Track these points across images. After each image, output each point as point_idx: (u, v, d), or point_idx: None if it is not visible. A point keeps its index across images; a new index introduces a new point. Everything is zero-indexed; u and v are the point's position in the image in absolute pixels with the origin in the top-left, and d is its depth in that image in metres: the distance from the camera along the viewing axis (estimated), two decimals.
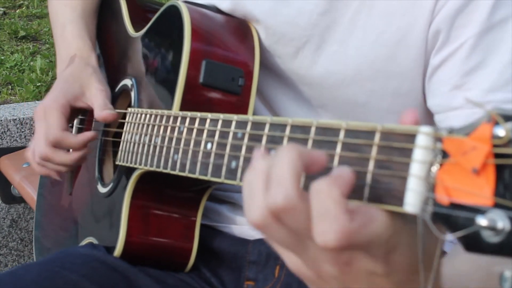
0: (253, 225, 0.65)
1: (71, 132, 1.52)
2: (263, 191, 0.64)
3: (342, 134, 0.68)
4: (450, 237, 0.57)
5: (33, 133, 1.39)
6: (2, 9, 5.29)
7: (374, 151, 0.64)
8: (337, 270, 0.64)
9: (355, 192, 0.64)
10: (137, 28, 1.38)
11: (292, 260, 0.68)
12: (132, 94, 1.30)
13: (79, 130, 1.50)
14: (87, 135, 1.32)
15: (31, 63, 4.34)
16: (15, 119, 2.45)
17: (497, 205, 0.54)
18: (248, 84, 1.16)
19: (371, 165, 0.64)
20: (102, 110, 1.30)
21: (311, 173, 0.65)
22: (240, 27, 1.22)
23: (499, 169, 0.54)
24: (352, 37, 1.13)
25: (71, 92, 1.33)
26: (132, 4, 1.47)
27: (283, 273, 1.24)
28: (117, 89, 1.39)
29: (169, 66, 1.18)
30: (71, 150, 1.33)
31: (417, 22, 1.08)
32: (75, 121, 1.52)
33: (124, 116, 1.28)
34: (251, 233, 1.28)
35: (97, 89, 1.33)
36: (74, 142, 1.30)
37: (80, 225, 1.44)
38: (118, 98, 1.38)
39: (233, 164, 0.85)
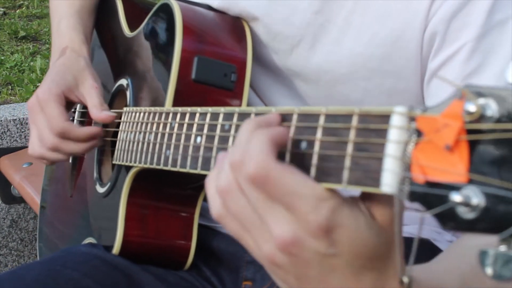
0: (220, 191, 0.70)
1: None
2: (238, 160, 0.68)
3: (322, 119, 0.68)
4: (427, 214, 0.57)
5: None
6: (2, 9, 5.32)
7: (352, 134, 0.64)
8: (288, 256, 0.65)
9: (334, 176, 0.64)
10: (132, 28, 1.39)
11: (255, 250, 0.70)
12: (128, 93, 1.31)
13: (82, 115, 1.51)
14: (93, 130, 1.31)
15: (31, 63, 4.36)
16: (15, 119, 2.45)
17: (471, 182, 0.54)
18: (241, 80, 1.17)
19: (349, 148, 0.64)
20: (100, 111, 1.29)
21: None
22: (233, 24, 1.22)
23: (472, 145, 0.54)
24: (346, 37, 1.13)
25: (64, 82, 1.31)
26: (129, 4, 1.48)
27: None
28: (113, 89, 1.39)
29: (162, 64, 1.19)
30: None
31: (412, 23, 1.08)
32: (76, 114, 1.53)
33: (121, 115, 1.29)
34: None
35: (91, 86, 1.31)
36: (79, 134, 1.29)
37: (80, 226, 1.45)
38: (115, 98, 1.39)
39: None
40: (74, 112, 1.54)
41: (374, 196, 0.64)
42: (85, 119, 1.52)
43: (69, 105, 1.34)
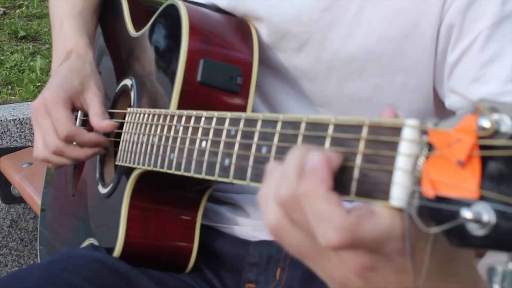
0: (268, 228, 0.65)
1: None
2: (274, 189, 0.64)
3: (331, 129, 0.67)
4: (436, 230, 0.56)
5: (33, 133, 1.36)
6: (2, 9, 5.32)
7: (361, 145, 0.63)
8: (363, 279, 0.63)
9: (342, 187, 0.64)
10: (138, 28, 1.38)
11: (319, 271, 0.66)
12: (132, 94, 1.30)
13: (83, 123, 1.50)
14: (100, 138, 1.30)
15: (31, 63, 4.35)
16: (15, 119, 2.44)
17: (482, 198, 0.53)
18: (246, 83, 1.16)
19: (358, 160, 0.63)
20: (101, 119, 1.28)
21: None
22: (239, 26, 1.21)
23: (485, 161, 0.53)
24: (356, 33, 1.13)
25: (70, 88, 1.30)
26: (134, 4, 1.47)
27: (284, 276, 1.24)
28: (117, 89, 1.39)
29: (168, 65, 1.18)
30: None
31: (425, 17, 1.08)
32: (79, 113, 1.52)
33: (124, 116, 1.28)
34: (253, 234, 1.28)
35: (94, 94, 1.31)
36: (87, 139, 1.28)
37: (81, 227, 1.44)
38: (119, 98, 1.38)
39: (226, 161, 0.85)
40: (76, 118, 1.53)
41: None
42: (86, 127, 1.51)
43: (73, 110, 1.34)
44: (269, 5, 1.20)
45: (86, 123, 1.50)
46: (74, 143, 1.28)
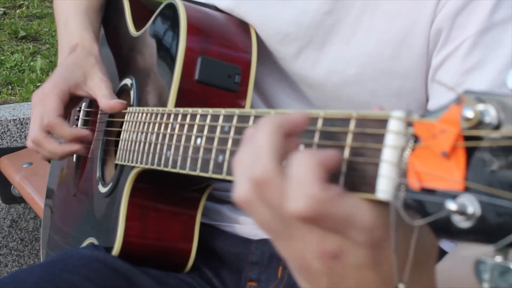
0: (238, 200, 0.65)
1: (74, 124, 1.53)
2: (248, 165, 0.63)
3: (320, 123, 0.67)
4: (421, 222, 0.55)
5: None
6: (2, 9, 5.35)
7: (349, 138, 0.63)
8: (325, 266, 0.62)
9: (330, 181, 0.63)
10: (138, 27, 1.39)
11: (283, 251, 0.66)
12: (132, 93, 1.30)
13: (85, 123, 1.51)
14: (81, 131, 1.31)
15: (31, 63, 4.38)
16: (15, 119, 2.46)
17: (468, 189, 0.53)
18: (245, 82, 1.16)
19: (346, 153, 0.63)
20: (109, 99, 1.28)
21: (297, 133, 0.64)
22: (238, 25, 1.21)
23: (469, 152, 0.53)
24: (356, 36, 1.13)
25: (72, 78, 1.31)
26: (135, 4, 1.48)
27: (286, 274, 1.23)
28: (117, 88, 1.39)
29: (166, 64, 1.18)
30: (63, 141, 1.33)
31: (419, 21, 1.08)
32: (81, 113, 1.52)
33: (124, 116, 1.28)
34: (254, 233, 1.27)
35: (100, 79, 1.32)
36: (66, 132, 1.29)
37: (81, 226, 1.44)
38: (119, 97, 1.38)
39: (220, 158, 0.85)
40: (79, 111, 1.54)
41: None
42: (90, 118, 1.52)
43: (74, 101, 1.34)
44: (269, 7, 1.19)
45: (90, 114, 1.51)
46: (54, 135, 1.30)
